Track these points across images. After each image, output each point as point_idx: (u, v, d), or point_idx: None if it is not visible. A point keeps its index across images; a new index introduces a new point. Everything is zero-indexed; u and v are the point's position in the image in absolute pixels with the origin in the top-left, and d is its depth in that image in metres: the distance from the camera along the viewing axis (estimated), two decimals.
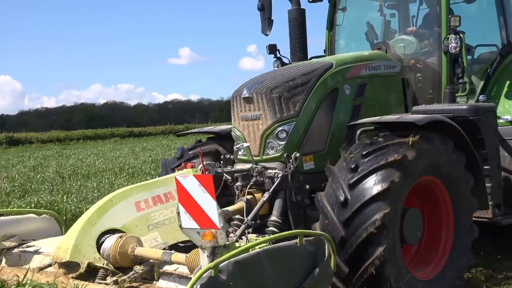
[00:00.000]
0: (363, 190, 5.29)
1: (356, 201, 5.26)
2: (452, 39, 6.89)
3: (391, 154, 5.43)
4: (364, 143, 5.66)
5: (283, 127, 6.24)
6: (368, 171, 5.35)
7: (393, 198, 5.32)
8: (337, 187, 5.43)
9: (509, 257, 7.57)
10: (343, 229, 5.25)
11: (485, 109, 6.76)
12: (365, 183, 5.32)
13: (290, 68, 6.88)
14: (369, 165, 5.40)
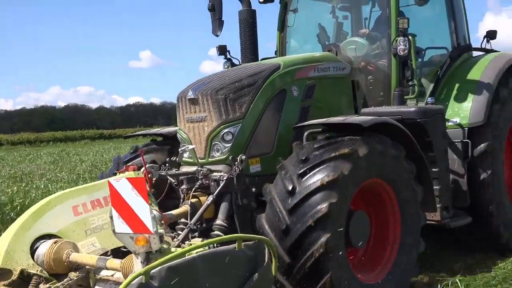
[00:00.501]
0: (311, 179, 5.23)
1: (304, 190, 5.20)
2: (401, 41, 6.86)
3: (343, 147, 5.40)
4: (318, 139, 5.64)
5: (229, 129, 6.11)
6: (318, 162, 5.31)
7: (341, 189, 5.26)
8: (286, 177, 5.36)
9: (455, 260, 7.56)
10: (288, 217, 5.18)
11: (433, 111, 6.74)
12: (314, 173, 5.27)
13: (237, 69, 6.76)
14: (319, 157, 5.36)
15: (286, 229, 5.18)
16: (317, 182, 5.21)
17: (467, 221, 7.17)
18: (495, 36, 8.56)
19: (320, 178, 5.23)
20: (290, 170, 5.42)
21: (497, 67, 7.64)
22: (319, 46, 8.33)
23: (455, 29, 8.09)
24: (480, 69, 7.66)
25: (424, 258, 7.07)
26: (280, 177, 5.48)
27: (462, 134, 7.30)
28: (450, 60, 7.87)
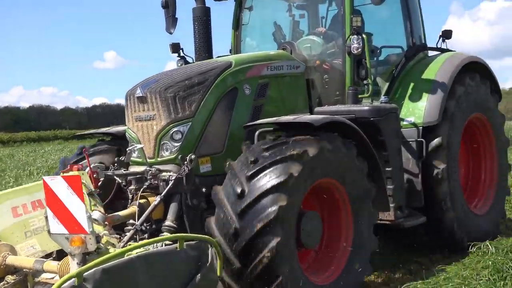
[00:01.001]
0: (260, 182, 5.15)
1: (253, 193, 5.12)
2: (354, 40, 6.80)
3: (292, 148, 5.30)
4: (267, 139, 5.52)
5: (178, 127, 5.98)
6: (267, 163, 5.21)
7: (291, 191, 5.18)
8: (235, 180, 5.26)
9: (410, 259, 7.52)
10: (238, 221, 5.08)
11: (386, 110, 6.69)
12: (264, 175, 5.18)
13: (188, 67, 6.64)
14: (268, 158, 5.26)
15: (236, 233, 5.08)
16: (267, 184, 5.12)
17: (421, 220, 7.15)
18: (451, 36, 8.57)
19: (269, 180, 5.14)
20: (238, 172, 5.31)
21: (452, 67, 7.64)
22: (275, 45, 8.23)
23: (410, 29, 8.06)
24: (435, 69, 7.65)
25: (379, 257, 7.04)
26: (229, 180, 5.37)
27: (417, 133, 7.27)
28: (405, 59, 7.84)
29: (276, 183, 5.10)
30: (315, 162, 5.39)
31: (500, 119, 8.48)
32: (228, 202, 5.19)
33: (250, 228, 5.03)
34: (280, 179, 5.12)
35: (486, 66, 8.20)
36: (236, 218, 5.10)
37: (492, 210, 8.29)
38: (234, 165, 5.44)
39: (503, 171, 8.57)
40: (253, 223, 5.02)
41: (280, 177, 5.13)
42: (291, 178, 5.16)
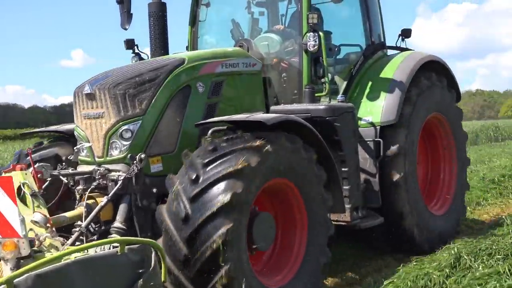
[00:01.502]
0: (204, 205, 4.98)
1: (208, 178, 5.01)
2: (311, 37, 6.69)
3: (232, 162, 5.11)
4: (206, 150, 5.30)
5: (128, 126, 5.80)
6: (209, 183, 5.03)
7: (238, 210, 5.05)
8: (178, 201, 5.08)
9: (366, 262, 7.45)
10: (190, 206, 4.97)
11: (342, 109, 6.59)
12: (206, 196, 5.01)
13: (139, 64, 6.47)
14: (210, 176, 5.07)
15: (186, 218, 4.95)
16: (223, 170, 5.01)
17: (378, 221, 7.06)
18: (410, 35, 8.51)
19: (226, 167, 5.02)
20: (195, 160, 5.19)
21: (410, 66, 7.57)
22: (233, 43, 8.07)
23: (369, 28, 7.98)
24: (393, 68, 7.58)
25: (334, 260, 6.95)
26: (184, 167, 5.25)
27: (374, 133, 7.19)
28: (364, 58, 7.76)
29: (232, 170, 5.00)
30: (259, 170, 5.24)
31: (457, 115, 8.45)
32: (173, 227, 5.03)
33: (201, 213, 4.91)
34: (237, 167, 5.02)
35: (444, 65, 8.15)
36: (188, 203, 4.98)
37: (452, 208, 8.26)
38: (192, 154, 5.32)
39: (463, 167, 8.55)
40: (204, 208, 4.91)
41: (237, 164, 5.03)
42: (248, 167, 5.07)
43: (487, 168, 14.39)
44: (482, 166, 14.91)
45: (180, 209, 5.02)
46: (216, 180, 5.01)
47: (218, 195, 4.95)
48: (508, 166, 13.92)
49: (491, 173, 12.93)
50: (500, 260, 6.19)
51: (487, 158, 17.15)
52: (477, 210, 10.34)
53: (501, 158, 16.68)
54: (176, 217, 5.02)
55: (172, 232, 5.02)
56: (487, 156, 17.83)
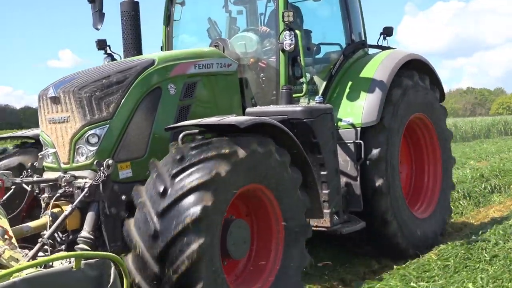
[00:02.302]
0: (185, 180, 4.75)
1: (176, 191, 4.73)
2: (287, 36, 6.45)
3: (201, 172, 4.82)
4: (174, 159, 5.01)
5: (94, 130, 5.53)
6: (178, 196, 4.75)
7: (217, 192, 4.80)
8: (146, 216, 4.81)
9: (348, 268, 7.22)
10: (158, 222, 4.70)
11: (320, 111, 6.34)
12: (189, 173, 4.78)
13: (107, 65, 6.19)
14: (196, 156, 4.85)
15: (155, 234, 4.68)
16: (191, 182, 4.73)
17: (360, 226, 6.83)
18: (392, 33, 8.29)
19: (195, 178, 4.75)
20: (162, 171, 4.91)
21: (391, 65, 7.35)
22: (209, 42, 7.82)
23: (349, 26, 7.74)
24: (373, 67, 7.35)
25: (316, 267, 6.73)
26: (151, 178, 4.97)
27: (355, 134, 6.96)
28: (344, 57, 7.53)
29: (201, 181, 4.72)
30: (229, 178, 4.96)
31: (441, 114, 8.23)
32: (149, 202, 4.79)
33: (170, 229, 4.64)
34: (206, 178, 4.74)
35: (426, 63, 7.93)
36: (157, 218, 4.71)
37: (437, 210, 8.06)
38: (159, 163, 5.04)
39: (448, 166, 8.33)
40: (174, 224, 4.64)
41: (206, 175, 4.75)
42: (218, 177, 4.79)
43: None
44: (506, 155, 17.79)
45: (148, 224, 4.76)
46: (184, 193, 4.74)
47: (187, 209, 4.68)
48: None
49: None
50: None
51: (505, 149, 20.39)
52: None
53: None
54: (144, 233, 4.76)
55: (142, 249, 4.75)
56: (506, 147, 21.18)
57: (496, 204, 10.64)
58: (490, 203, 10.76)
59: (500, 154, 18.55)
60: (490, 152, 19.83)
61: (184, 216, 4.65)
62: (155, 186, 4.88)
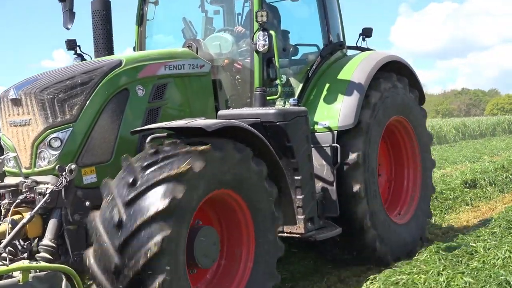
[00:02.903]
0: (140, 209, 4.49)
1: (132, 223, 4.47)
2: (260, 36, 6.25)
3: (174, 165, 4.64)
4: (147, 153, 4.83)
5: (57, 134, 5.33)
6: (147, 186, 4.55)
7: (176, 217, 4.56)
8: (112, 206, 4.61)
9: (326, 274, 7.04)
10: (117, 256, 4.45)
11: (294, 113, 6.14)
12: (143, 200, 4.52)
13: (73, 66, 5.98)
14: (148, 179, 4.59)
15: (120, 223, 4.48)
16: (147, 212, 4.46)
17: (336, 232, 6.62)
18: (371, 34, 8.11)
19: (150, 206, 4.48)
20: (116, 196, 4.64)
21: (369, 67, 7.16)
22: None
23: (327, 27, 7.54)
24: (351, 69, 7.16)
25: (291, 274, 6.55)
26: (106, 204, 4.69)
27: (332, 138, 6.76)
28: (321, 58, 7.33)
29: (157, 209, 4.46)
30: (202, 176, 4.76)
31: (420, 116, 8.03)
32: (106, 234, 4.54)
33: (135, 218, 4.45)
34: (162, 205, 4.47)
35: (405, 65, 7.76)
36: (123, 207, 4.51)
37: (416, 215, 7.88)
38: (112, 186, 4.75)
39: (427, 169, 8.16)
40: (140, 214, 4.44)
41: (162, 202, 4.49)
42: (174, 202, 4.53)
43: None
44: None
45: (114, 214, 4.54)
46: (154, 183, 4.54)
47: (155, 200, 4.48)
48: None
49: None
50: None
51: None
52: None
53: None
54: (109, 223, 4.54)
55: (104, 239, 4.53)
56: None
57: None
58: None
59: (510, 150, 20.66)
60: (501, 148, 21.88)
61: (151, 207, 4.46)
62: (124, 177, 4.68)
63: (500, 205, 10.58)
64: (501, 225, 8.06)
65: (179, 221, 4.61)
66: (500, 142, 25.57)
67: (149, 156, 4.78)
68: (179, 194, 4.54)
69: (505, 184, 12.43)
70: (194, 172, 4.68)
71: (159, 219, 4.45)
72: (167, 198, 4.48)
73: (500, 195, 11.74)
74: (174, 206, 4.52)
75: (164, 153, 4.76)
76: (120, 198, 4.58)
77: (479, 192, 11.67)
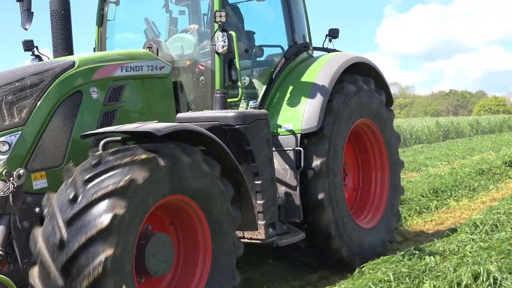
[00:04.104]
0: (81, 228, 4.32)
1: (87, 198, 4.36)
2: (219, 37, 6.10)
3: (116, 178, 4.46)
4: (90, 164, 4.64)
5: (5, 137, 5.18)
6: (88, 202, 4.38)
7: (119, 234, 4.39)
8: (53, 224, 4.44)
9: (290, 280, 6.91)
10: (66, 230, 4.31)
11: (254, 116, 5.99)
12: (84, 218, 4.35)
13: (23, 68, 5.78)
14: (90, 195, 4.41)
15: (61, 244, 4.32)
16: (104, 189, 4.38)
17: (299, 237, 6.50)
18: (338, 35, 8.01)
19: (108, 184, 4.40)
20: (77, 176, 4.54)
21: (334, 68, 7.03)
22: None
23: (291, 28, 7.41)
24: (315, 71, 7.03)
25: (252, 279, 6.41)
26: (65, 185, 4.61)
27: (295, 141, 6.63)
28: (285, 59, 7.20)
29: (114, 187, 4.36)
30: (148, 186, 4.59)
31: (387, 118, 7.89)
32: (58, 209, 4.42)
33: (77, 238, 4.28)
34: (120, 184, 4.38)
35: (372, 66, 7.65)
36: (64, 226, 4.34)
37: (384, 218, 7.77)
38: (74, 169, 4.65)
39: (396, 171, 8.05)
40: (81, 233, 4.27)
41: (121, 181, 4.39)
42: (133, 183, 4.42)
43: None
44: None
45: (55, 233, 4.38)
46: (95, 199, 4.37)
47: (96, 217, 4.31)
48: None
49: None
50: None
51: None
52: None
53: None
54: (51, 242, 4.38)
55: (47, 259, 4.37)
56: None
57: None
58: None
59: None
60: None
61: (92, 225, 4.29)
62: (66, 192, 4.51)
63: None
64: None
65: (124, 237, 4.43)
66: (505, 137, 28.79)
67: (91, 168, 4.59)
68: (120, 210, 4.36)
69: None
70: (137, 184, 4.50)
71: (101, 238, 4.28)
72: (108, 215, 4.31)
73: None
74: (117, 223, 4.34)
75: (105, 165, 4.57)
76: (61, 215, 4.41)
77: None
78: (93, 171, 4.53)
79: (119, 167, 4.52)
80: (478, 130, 35.51)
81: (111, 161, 4.58)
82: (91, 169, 4.56)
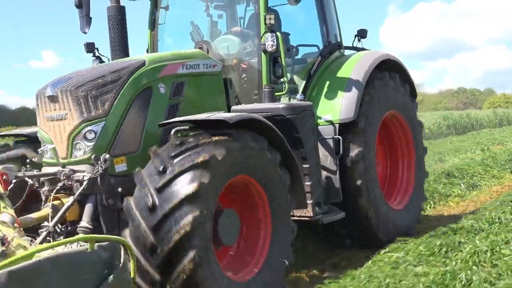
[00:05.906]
0: (171, 194, 5.07)
1: (165, 206, 5.04)
2: (269, 37, 6.83)
3: (199, 154, 5.22)
4: (174, 144, 5.40)
5: (91, 127, 5.86)
6: (176, 173, 5.13)
7: (203, 200, 5.13)
8: (145, 192, 5.16)
9: (331, 255, 7.62)
10: (153, 235, 5.01)
11: (301, 108, 6.74)
12: (173, 186, 5.10)
13: (101, 66, 6.53)
14: (177, 167, 5.16)
15: (153, 207, 5.04)
16: (177, 196, 5.05)
17: (340, 216, 7.24)
18: (366, 35, 8.73)
19: (180, 191, 5.06)
20: (148, 183, 5.21)
21: (366, 65, 7.76)
22: (193, 45, 8.17)
23: (326, 29, 8.15)
24: (349, 67, 7.76)
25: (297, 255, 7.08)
26: (139, 191, 5.25)
27: (334, 130, 7.35)
28: (321, 57, 7.93)
29: (187, 194, 5.03)
30: (224, 164, 5.35)
31: (412, 109, 8.65)
32: (140, 215, 5.10)
33: (167, 202, 5.01)
34: (191, 190, 5.05)
35: (398, 63, 8.39)
36: (155, 193, 5.07)
37: (412, 200, 8.52)
38: (143, 173, 5.31)
39: (421, 157, 8.76)
40: (168, 237, 4.98)
41: (191, 186, 5.06)
42: (201, 186, 5.11)
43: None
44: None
45: (147, 199, 5.09)
46: (182, 170, 5.11)
47: (184, 185, 5.05)
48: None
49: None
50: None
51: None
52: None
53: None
54: (143, 207, 5.09)
55: (139, 221, 5.08)
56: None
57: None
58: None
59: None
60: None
61: (180, 191, 5.01)
62: (154, 165, 5.23)
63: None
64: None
65: (206, 203, 5.18)
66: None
67: (176, 147, 5.35)
68: (205, 179, 5.11)
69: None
70: (217, 160, 5.26)
71: (189, 202, 5.01)
72: (195, 183, 5.05)
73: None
74: (201, 190, 5.09)
75: (189, 144, 5.33)
76: (152, 184, 5.13)
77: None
78: (178, 149, 5.28)
79: (201, 146, 5.28)
80: (495, 123, 39.35)
81: (193, 141, 5.35)
82: (177, 148, 5.31)
